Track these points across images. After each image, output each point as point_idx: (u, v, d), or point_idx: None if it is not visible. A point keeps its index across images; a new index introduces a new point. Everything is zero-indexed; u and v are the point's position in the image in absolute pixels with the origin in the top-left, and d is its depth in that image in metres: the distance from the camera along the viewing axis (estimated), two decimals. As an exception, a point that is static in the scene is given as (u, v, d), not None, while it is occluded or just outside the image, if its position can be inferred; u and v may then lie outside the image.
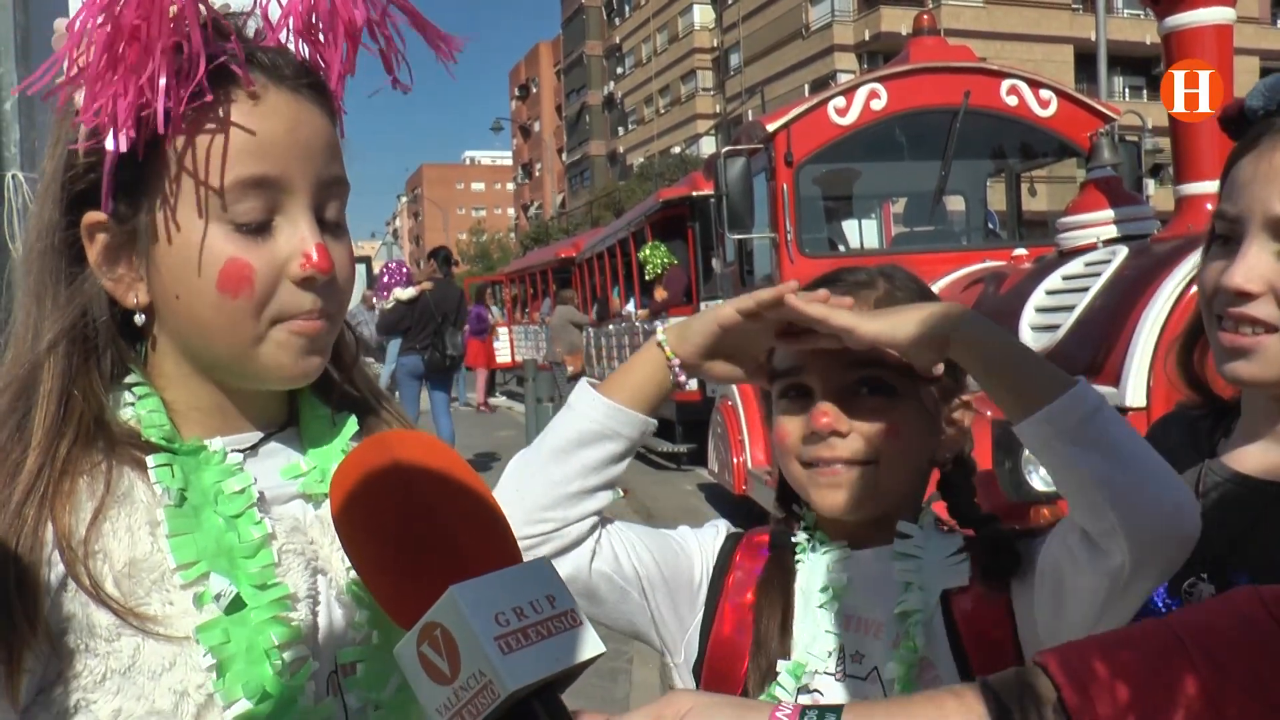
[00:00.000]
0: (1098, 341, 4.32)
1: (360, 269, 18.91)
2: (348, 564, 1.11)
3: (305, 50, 1.07)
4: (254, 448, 1.12)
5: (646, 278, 13.84)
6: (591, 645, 0.82)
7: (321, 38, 1.06)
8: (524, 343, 23.59)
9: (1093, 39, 19.50)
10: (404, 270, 11.40)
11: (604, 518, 1.42)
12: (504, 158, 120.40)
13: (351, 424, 1.17)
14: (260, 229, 1.03)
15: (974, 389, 1.38)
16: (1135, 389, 3.98)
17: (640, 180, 47.34)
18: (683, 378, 1.39)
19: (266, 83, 1.02)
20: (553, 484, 1.35)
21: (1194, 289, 1.51)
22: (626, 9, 79.92)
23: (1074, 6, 50.70)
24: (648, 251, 13.69)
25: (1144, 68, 48.67)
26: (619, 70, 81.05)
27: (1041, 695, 0.82)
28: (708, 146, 48.02)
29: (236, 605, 1.02)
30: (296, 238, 1.04)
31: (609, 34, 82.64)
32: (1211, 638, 0.82)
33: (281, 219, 1.04)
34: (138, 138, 0.96)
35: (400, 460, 0.87)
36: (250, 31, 1.05)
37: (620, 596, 1.40)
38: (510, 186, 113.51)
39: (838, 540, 1.44)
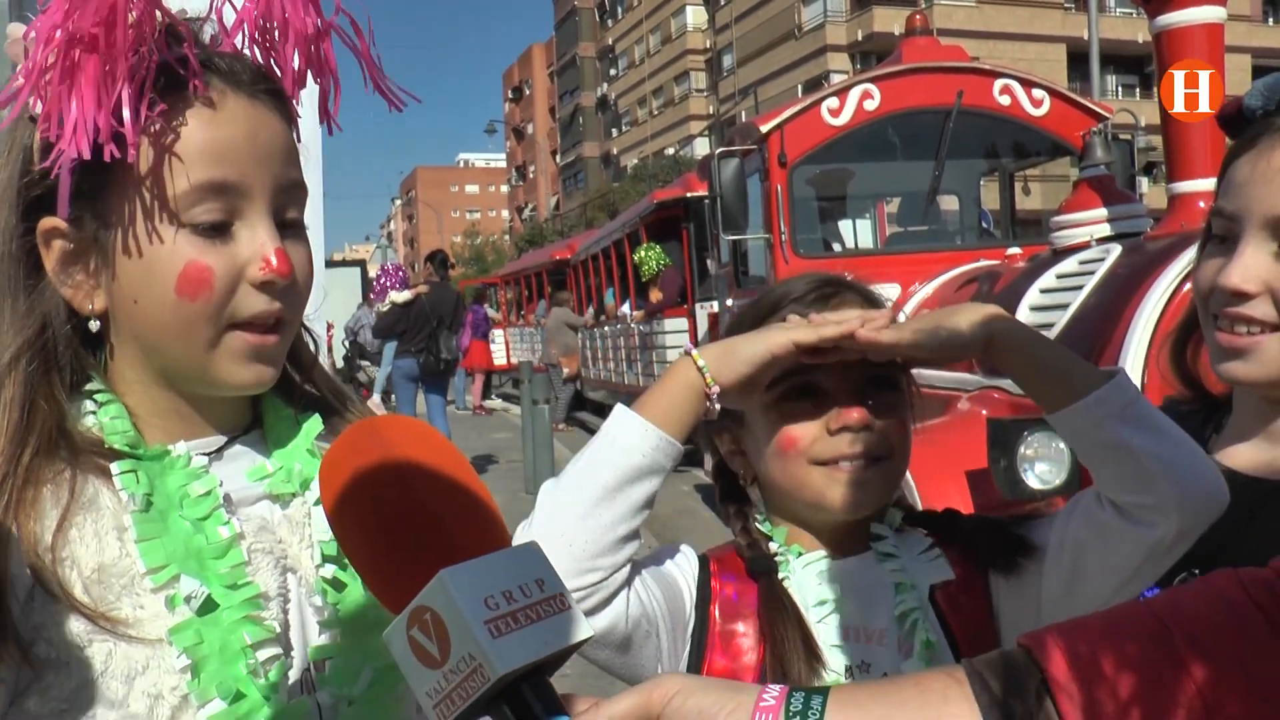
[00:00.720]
0: (1092, 339, 4.33)
1: (355, 272, 18.91)
2: (317, 562, 1.12)
3: (260, 56, 1.07)
4: (218, 451, 1.12)
5: (642, 279, 13.83)
6: (581, 628, 0.82)
7: (276, 44, 1.06)
8: (519, 345, 23.59)
9: (1085, 38, 19.54)
10: (400, 273, 11.40)
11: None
12: (498, 160, 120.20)
13: (315, 423, 1.17)
14: (219, 233, 1.03)
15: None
16: (1129, 386, 3.98)
17: (634, 181, 47.36)
18: (717, 407, 1.31)
19: (224, 88, 1.03)
20: (604, 528, 1.25)
21: (1187, 286, 1.53)
22: (619, 10, 79.91)
23: (1066, 6, 50.76)
24: (643, 253, 13.68)
25: (1136, 66, 48.78)
26: (612, 72, 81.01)
27: (1027, 677, 0.82)
28: (701, 147, 48.05)
29: (208, 606, 1.02)
30: (256, 242, 1.04)
31: (602, 35, 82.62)
32: (1197, 625, 0.82)
33: (240, 223, 1.04)
34: (95, 144, 0.96)
35: (390, 444, 0.87)
36: (206, 37, 1.06)
37: (645, 640, 1.32)
38: (504, 189, 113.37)
39: (813, 552, 1.42)
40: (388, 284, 11.11)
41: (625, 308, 15.24)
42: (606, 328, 15.90)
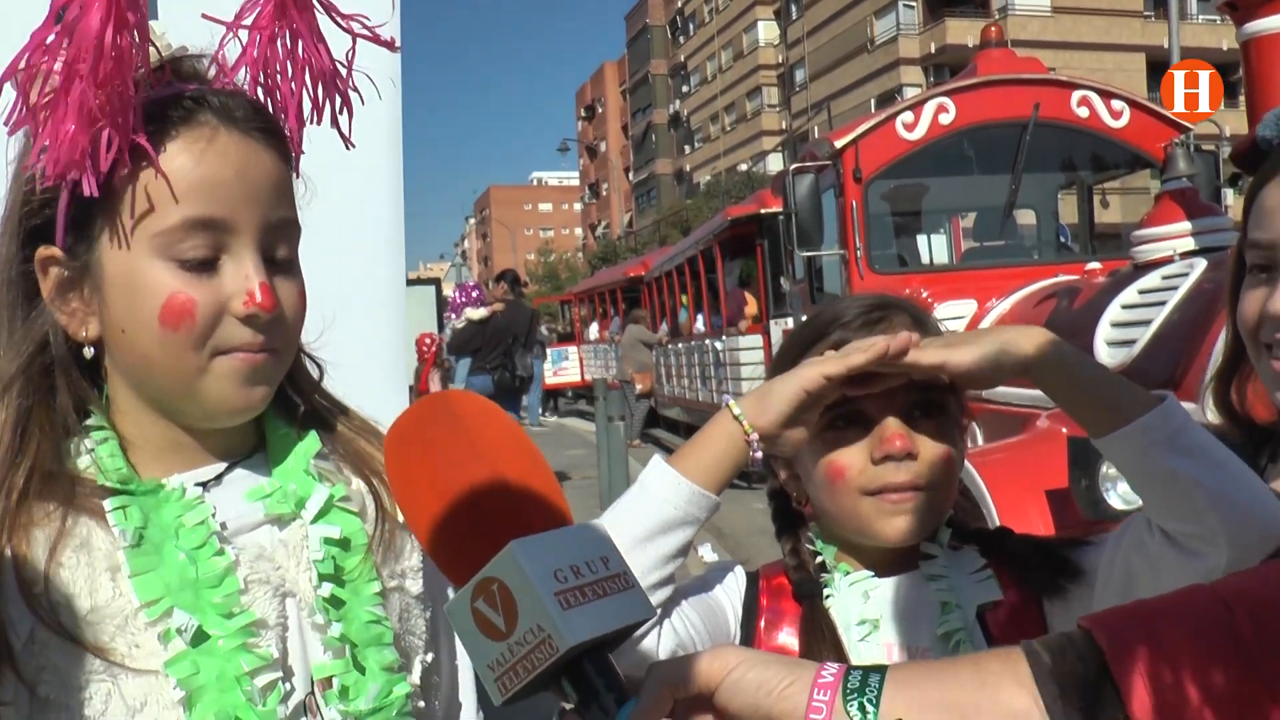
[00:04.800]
0: (1176, 357, 4.23)
1: (429, 290, 19.23)
2: (314, 583, 1.12)
3: (262, 94, 1.09)
4: (218, 477, 1.13)
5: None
6: (644, 607, 0.83)
7: (279, 81, 1.07)
8: (593, 361, 23.68)
9: (1165, 46, 19.18)
10: (477, 291, 11.53)
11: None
12: (571, 178, 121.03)
13: (312, 441, 1.18)
14: (205, 267, 1.05)
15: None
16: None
17: (707, 198, 47.33)
18: (759, 454, 1.31)
19: (217, 124, 1.04)
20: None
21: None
22: (691, 27, 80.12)
23: (1145, 14, 49.86)
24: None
25: (1220, 74, 47.68)
26: (684, 88, 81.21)
27: (1087, 658, 0.82)
28: (775, 163, 47.89)
29: (200, 638, 1.03)
30: (240, 276, 1.05)
31: (674, 53, 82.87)
32: (1259, 605, 0.81)
33: (227, 258, 1.06)
34: (90, 176, 0.97)
35: (461, 417, 0.88)
36: (209, 73, 1.08)
37: None
38: (577, 207, 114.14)
39: (861, 571, 1.42)
40: (464, 301, 11.23)
41: (699, 324, 15.26)
42: (680, 345, 15.91)
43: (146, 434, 1.11)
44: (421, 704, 1.18)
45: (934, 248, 8.79)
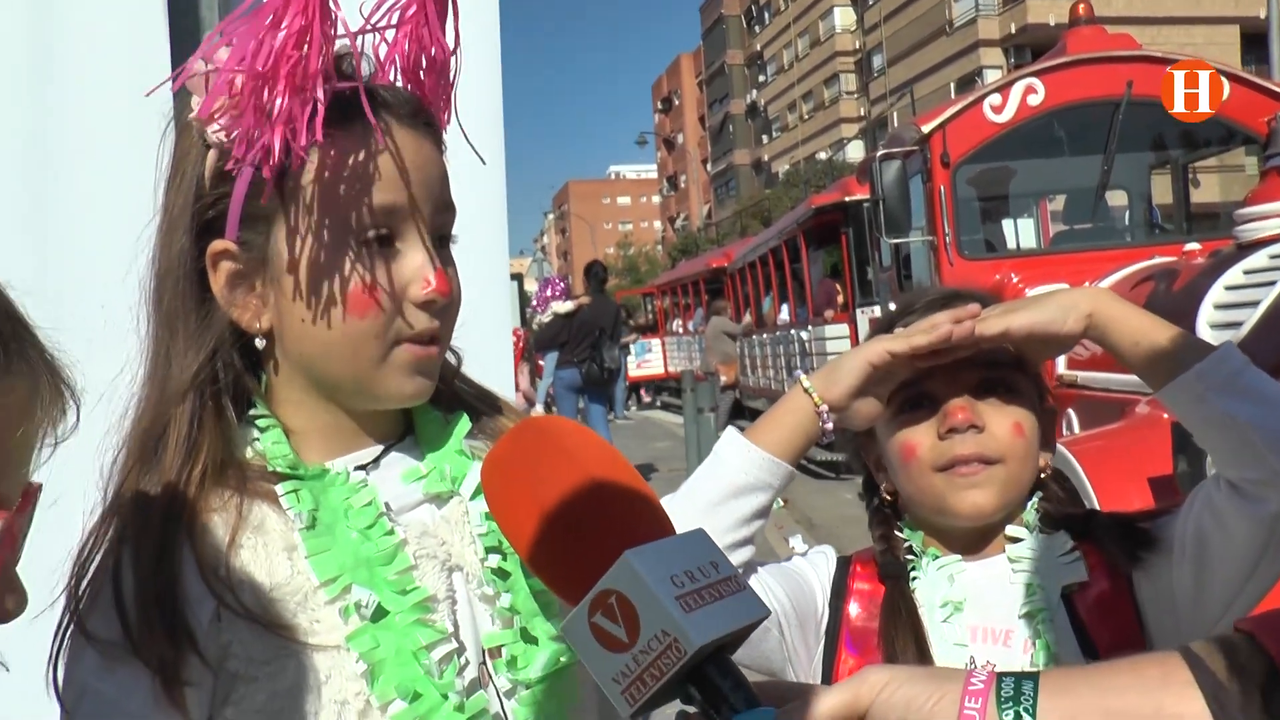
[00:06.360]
0: (1286, 338, 4.11)
1: (512, 285, 19.41)
2: (480, 556, 1.15)
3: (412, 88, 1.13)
4: (375, 460, 1.16)
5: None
6: (759, 606, 0.84)
7: (422, 76, 1.12)
8: (677, 354, 23.68)
9: (1262, 16, 18.64)
10: (562, 285, 11.60)
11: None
12: (649, 171, 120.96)
13: (464, 422, 1.21)
14: (385, 255, 1.08)
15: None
16: (1330, 387, 3.78)
17: (787, 187, 47.03)
18: (830, 425, 1.38)
19: (389, 119, 1.08)
20: None
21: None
22: (766, 16, 79.65)
23: (1238, -15, 48.37)
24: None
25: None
26: (761, 78, 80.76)
27: (1252, 663, 0.80)
28: (854, 150, 47.41)
29: (380, 613, 1.07)
30: (417, 263, 1.09)
31: (750, 42, 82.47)
32: None
33: (403, 245, 1.09)
34: (271, 170, 1.01)
35: (557, 438, 0.90)
36: (363, 70, 1.11)
37: (762, 636, 1.38)
38: (656, 199, 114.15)
39: (949, 556, 1.45)
40: (550, 296, 11.30)
41: (784, 314, 15.19)
42: (765, 335, 15.85)
43: (308, 421, 1.14)
44: None
45: (1021, 232, 8.64)
